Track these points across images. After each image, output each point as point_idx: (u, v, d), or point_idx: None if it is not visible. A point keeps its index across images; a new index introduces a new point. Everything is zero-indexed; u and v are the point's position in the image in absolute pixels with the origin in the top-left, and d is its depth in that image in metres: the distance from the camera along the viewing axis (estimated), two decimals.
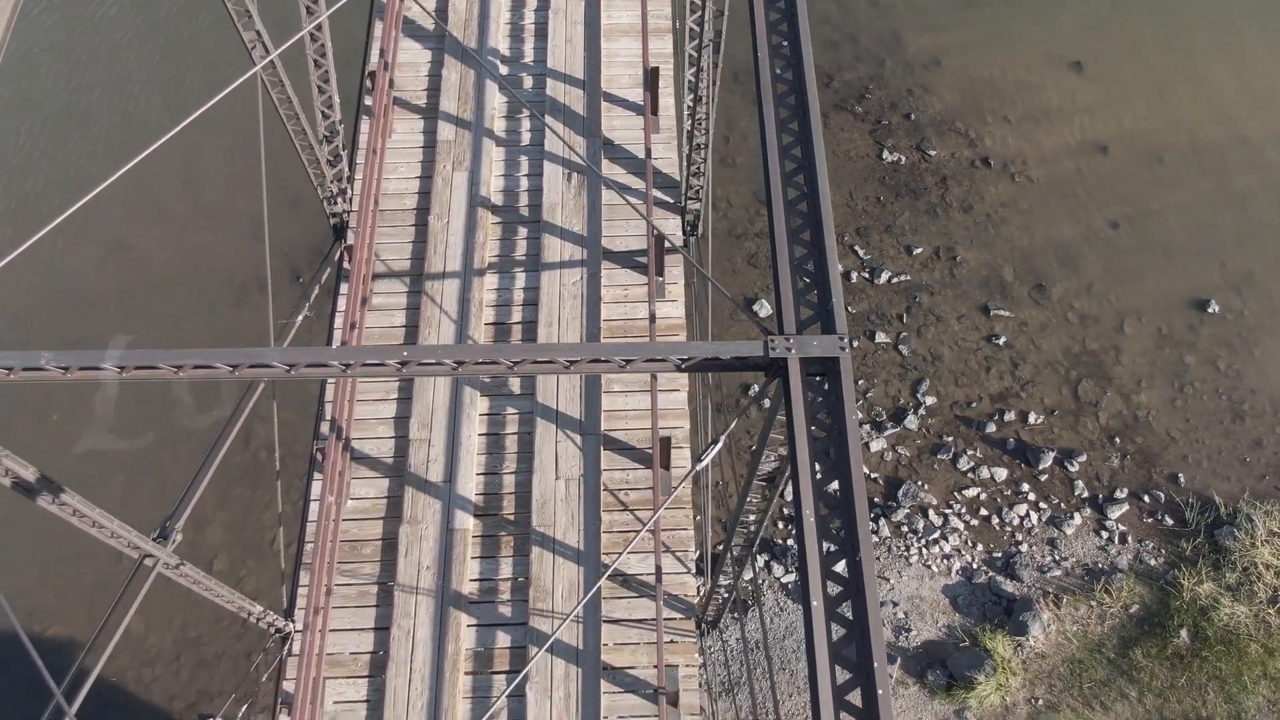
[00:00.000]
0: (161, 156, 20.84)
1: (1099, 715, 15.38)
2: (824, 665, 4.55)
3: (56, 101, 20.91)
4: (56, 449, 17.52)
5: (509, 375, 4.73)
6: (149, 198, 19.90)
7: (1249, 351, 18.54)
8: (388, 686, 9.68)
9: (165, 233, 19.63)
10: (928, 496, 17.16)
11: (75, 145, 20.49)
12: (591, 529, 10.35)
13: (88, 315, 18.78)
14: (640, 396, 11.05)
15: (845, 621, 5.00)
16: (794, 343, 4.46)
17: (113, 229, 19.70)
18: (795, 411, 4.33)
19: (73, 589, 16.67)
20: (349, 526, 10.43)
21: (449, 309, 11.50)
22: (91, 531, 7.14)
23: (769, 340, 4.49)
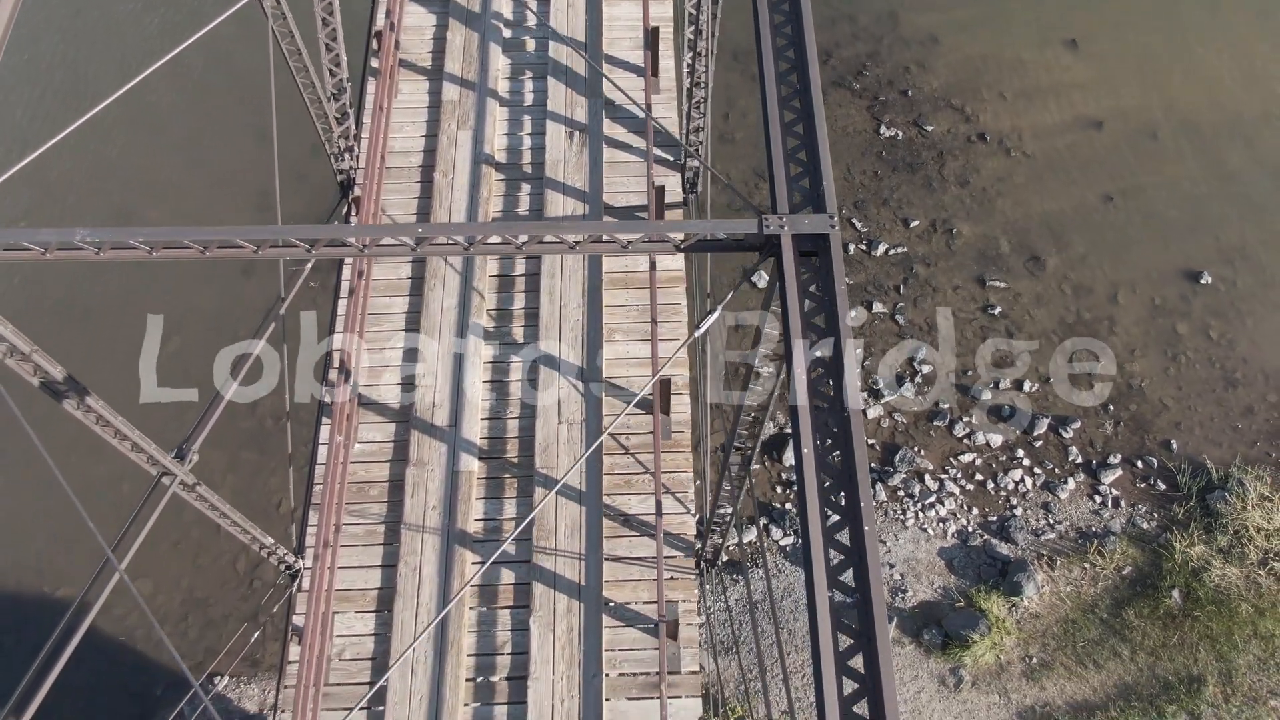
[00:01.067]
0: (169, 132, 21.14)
1: (1092, 673, 15.63)
2: (819, 564, 4.81)
3: (60, 75, 21.18)
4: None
5: (517, 255, 4.98)
6: (157, 172, 20.17)
7: (1241, 321, 18.80)
8: (394, 620, 9.94)
9: (173, 206, 19.88)
10: (924, 462, 17.42)
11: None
12: (593, 471, 10.60)
13: (97, 283, 19.05)
14: (641, 345, 11.31)
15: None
16: (787, 221, 4.72)
17: (122, 201, 19.96)
18: (789, 287, 4.58)
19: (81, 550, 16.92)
20: (356, 469, 10.69)
21: (454, 261, 11.76)
22: (113, 442, 7.39)
23: (764, 218, 4.75)
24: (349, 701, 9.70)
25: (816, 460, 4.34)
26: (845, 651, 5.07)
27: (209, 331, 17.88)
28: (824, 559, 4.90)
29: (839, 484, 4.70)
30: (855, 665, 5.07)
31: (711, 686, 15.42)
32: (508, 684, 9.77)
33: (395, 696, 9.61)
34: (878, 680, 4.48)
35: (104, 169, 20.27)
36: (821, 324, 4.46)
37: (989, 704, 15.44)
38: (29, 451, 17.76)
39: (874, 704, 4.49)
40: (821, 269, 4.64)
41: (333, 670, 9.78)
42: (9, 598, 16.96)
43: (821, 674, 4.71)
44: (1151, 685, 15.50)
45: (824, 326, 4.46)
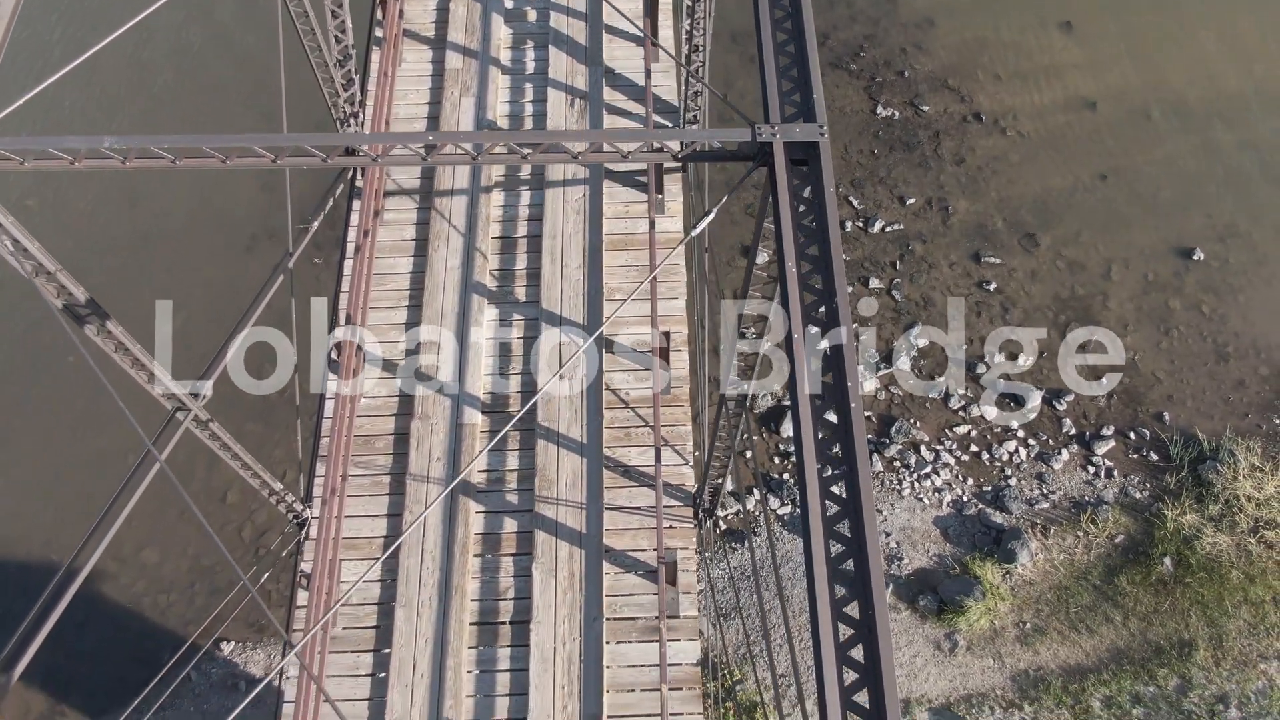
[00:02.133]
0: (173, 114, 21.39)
1: (1085, 638, 15.87)
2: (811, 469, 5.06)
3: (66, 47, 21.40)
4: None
5: (523, 163, 5.21)
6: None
7: (1233, 297, 19.05)
8: (400, 567, 10.19)
9: (178, 187, 20.12)
10: (920, 433, 17.67)
11: (90, 89, 21.00)
12: (594, 424, 10.85)
13: (106, 262, 19.29)
14: (640, 304, 11.55)
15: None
16: (779, 130, 4.96)
17: (128, 184, 20.21)
18: (781, 194, 4.83)
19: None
20: (362, 422, 10.94)
21: (458, 223, 12.02)
22: (130, 371, 7.63)
23: (757, 127, 4.99)
24: (356, 645, 9.95)
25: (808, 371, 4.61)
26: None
27: (213, 312, 18.11)
28: (816, 472, 5.15)
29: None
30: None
31: (711, 651, 15.66)
32: (510, 628, 10.01)
33: (401, 639, 9.86)
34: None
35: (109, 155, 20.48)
36: (811, 225, 4.71)
37: (983, 667, 15.68)
38: (36, 425, 18.03)
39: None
40: (811, 175, 4.89)
41: (340, 614, 10.02)
42: (18, 568, 17.20)
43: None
44: (1143, 649, 15.75)
45: (813, 227, 4.72)
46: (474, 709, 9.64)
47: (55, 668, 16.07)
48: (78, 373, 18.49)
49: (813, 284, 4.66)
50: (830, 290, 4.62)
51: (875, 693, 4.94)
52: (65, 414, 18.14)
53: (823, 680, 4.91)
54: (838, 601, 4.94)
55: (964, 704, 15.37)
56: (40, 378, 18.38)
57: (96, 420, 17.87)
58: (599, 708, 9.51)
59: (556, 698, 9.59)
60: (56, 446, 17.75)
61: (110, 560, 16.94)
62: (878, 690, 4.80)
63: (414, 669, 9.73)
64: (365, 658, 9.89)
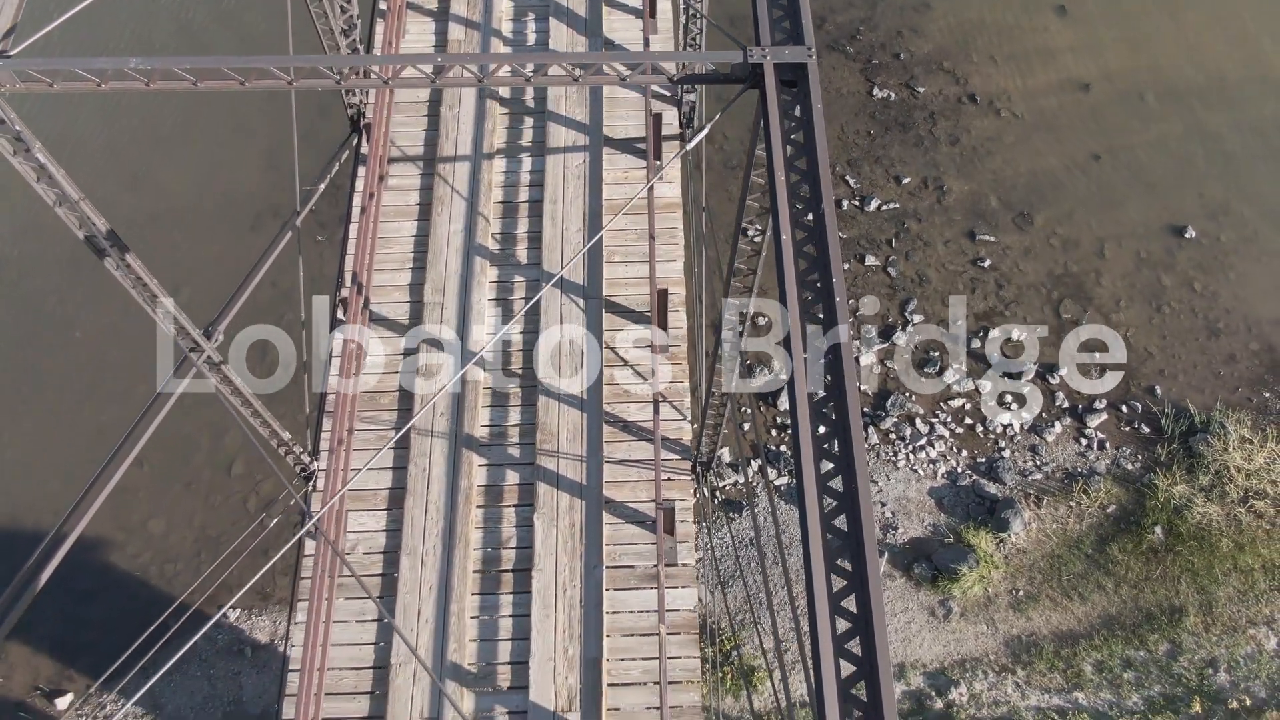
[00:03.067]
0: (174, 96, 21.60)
1: (1076, 605, 16.13)
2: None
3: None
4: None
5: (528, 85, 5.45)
6: (166, 134, 20.68)
7: (1224, 274, 19.31)
8: (405, 517, 10.45)
9: (183, 167, 20.38)
10: (915, 406, 17.93)
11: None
12: (594, 381, 11.11)
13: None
14: (639, 266, 11.82)
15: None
16: (769, 51, 5.22)
17: (134, 163, 20.48)
18: (771, 113, 5.08)
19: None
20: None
21: (460, 188, 12.28)
22: (146, 307, 7.88)
23: (748, 49, 5.25)
24: (362, 592, 10.20)
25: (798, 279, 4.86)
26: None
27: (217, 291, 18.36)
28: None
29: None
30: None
31: (709, 618, 15.93)
32: (513, 575, 10.27)
33: (406, 586, 10.12)
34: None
35: (121, 134, 20.78)
36: (801, 140, 4.96)
37: (977, 633, 15.94)
38: (42, 399, 18.28)
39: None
40: (800, 94, 5.15)
41: (346, 561, 10.27)
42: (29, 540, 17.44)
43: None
44: (1134, 615, 16.01)
45: (803, 143, 4.97)
46: (477, 652, 9.90)
47: (63, 636, 16.32)
48: (83, 347, 18.77)
49: (800, 193, 4.92)
50: (817, 197, 4.88)
51: (867, 641, 5.01)
52: (70, 389, 18.40)
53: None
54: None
55: (958, 668, 15.63)
56: (46, 353, 18.63)
57: (100, 395, 18.13)
58: (599, 650, 9.77)
59: (558, 641, 9.85)
60: (62, 420, 17.99)
61: (117, 531, 17.21)
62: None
63: (419, 614, 9.99)
64: (371, 604, 10.15)
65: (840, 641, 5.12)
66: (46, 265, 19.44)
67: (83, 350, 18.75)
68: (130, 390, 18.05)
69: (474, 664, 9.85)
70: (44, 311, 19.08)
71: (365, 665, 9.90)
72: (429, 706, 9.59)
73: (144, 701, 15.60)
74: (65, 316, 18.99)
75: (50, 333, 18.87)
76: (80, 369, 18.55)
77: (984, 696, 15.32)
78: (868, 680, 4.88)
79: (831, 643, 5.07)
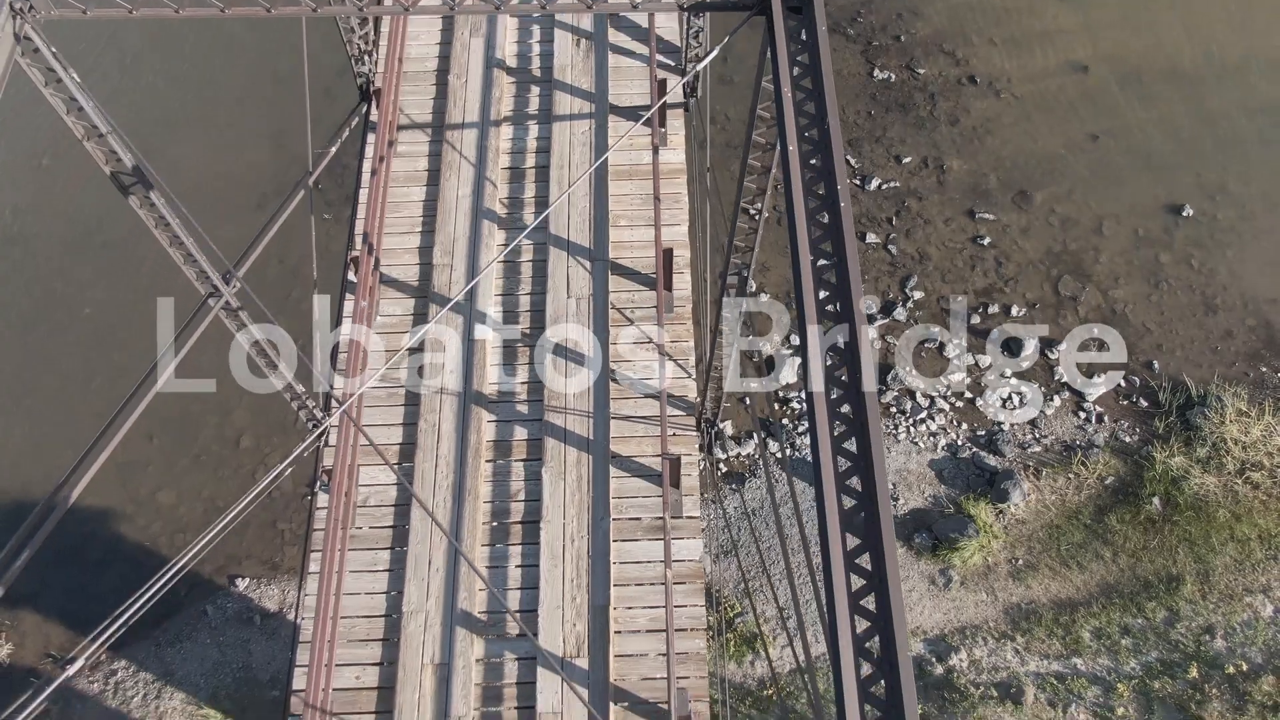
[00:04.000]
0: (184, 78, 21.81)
1: (1075, 573, 16.34)
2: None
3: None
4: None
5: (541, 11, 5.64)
6: (175, 115, 20.89)
7: (1221, 252, 19.52)
8: (416, 471, 10.64)
9: (191, 147, 20.58)
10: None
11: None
12: (601, 339, 11.31)
13: (118, 217, 19.76)
14: (644, 230, 12.02)
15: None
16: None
17: (142, 143, 20.61)
18: (777, 34, 5.29)
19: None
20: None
21: (468, 154, 12.48)
22: (170, 250, 8.08)
23: None
24: (374, 543, 10.40)
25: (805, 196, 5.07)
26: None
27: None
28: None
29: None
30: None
31: (712, 586, 16.13)
32: (521, 527, 10.46)
33: (417, 537, 10.32)
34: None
35: (129, 114, 20.98)
36: (806, 62, 5.16)
37: (976, 601, 16.15)
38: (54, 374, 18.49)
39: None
40: (806, 19, 5.36)
41: (358, 515, 10.48)
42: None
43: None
44: (1132, 584, 16.21)
45: (808, 64, 5.17)
46: (487, 601, 10.09)
47: (74, 605, 16.52)
48: (91, 326, 18.98)
49: (806, 109, 5.12)
50: (822, 113, 5.09)
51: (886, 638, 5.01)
52: (81, 365, 18.61)
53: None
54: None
55: (958, 635, 15.84)
56: (56, 331, 18.84)
57: (109, 371, 18.32)
58: (606, 598, 9.96)
59: (566, 590, 10.05)
60: (71, 397, 18.18)
61: (128, 503, 17.42)
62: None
63: (430, 564, 10.19)
64: (383, 554, 10.34)
65: (860, 641, 5.20)
66: (51, 244, 19.65)
67: (91, 328, 18.96)
68: (140, 368, 18.26)
69: (484, 612, 10.04)
70: (52, 290, 19.29)
71: (378, 614, 10.09)
72: (440, 652, 9.79)
73: (155, 668, 15.80)
74: (72, 296, 19.19)
75: (59, 312, 19.08)
76: (90, 346, 18.75)
77: (984, 662, 15.53)
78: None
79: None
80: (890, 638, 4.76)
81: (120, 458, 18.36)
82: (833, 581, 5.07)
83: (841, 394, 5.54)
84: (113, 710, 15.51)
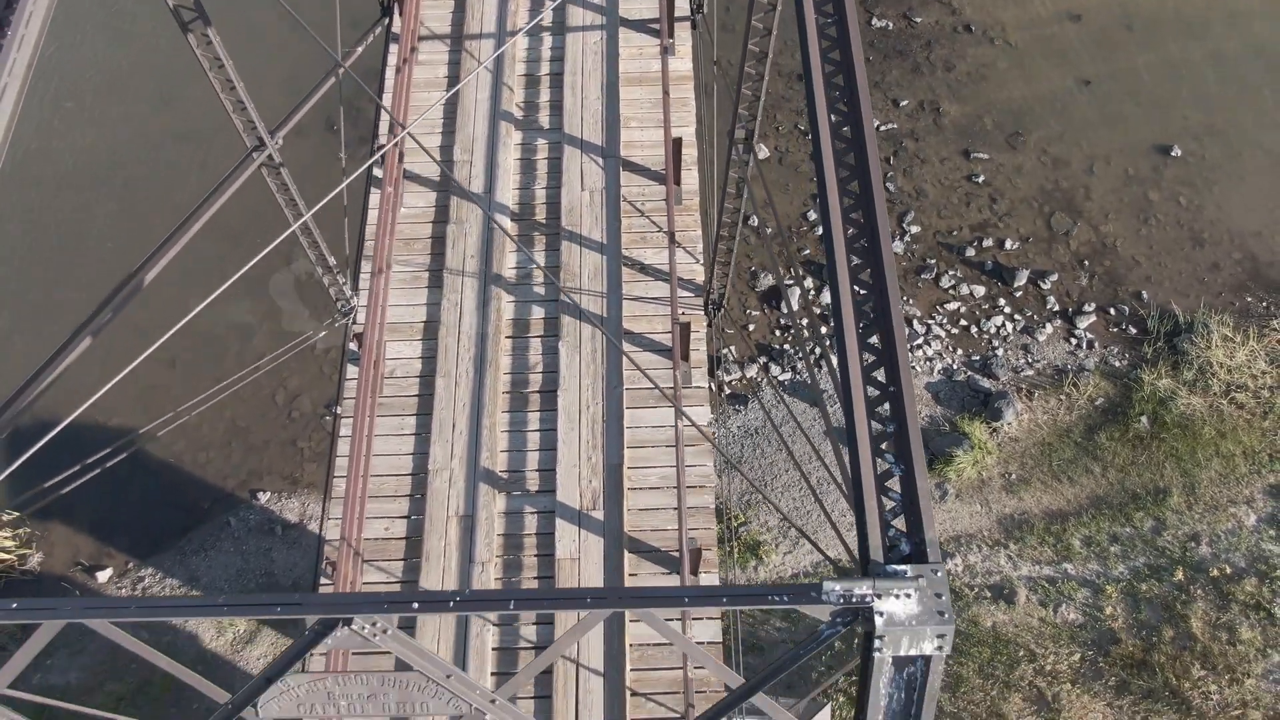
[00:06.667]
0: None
1: (1066, 487, 16.96)
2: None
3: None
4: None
5: None
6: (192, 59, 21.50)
7: (1209, 190, 20.15)
8: (440, 345, 11.28)
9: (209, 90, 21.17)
10: (912, 309, 18.77)
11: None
12: (613, 228, 11.95)
13: (142, 158, 20.41)
14: (654, 130, 12.65)
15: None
16: None
17: (162, 86, 21.33)
18: None
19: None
20: (402, 228, 12.03)
21: (486, 62, 13.11)
22: (221, 96, 8.69)
23: None
24: (400, 410, 11.04)
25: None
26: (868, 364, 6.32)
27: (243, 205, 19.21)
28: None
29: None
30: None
31: (717, 499, 16.72)
32: (539, 395, 11.10)
33: (441, 403, 10.95)
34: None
35: (148, 57, 21.63)
36: None
37: (971, 513, 16.77)
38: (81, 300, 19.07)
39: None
40: None
41: (386, 384, 11.11)
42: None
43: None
44: (1120, 496, 16.83)
45: None
46: (508, 461, 10.72)
47: (102, 516, 17.13)
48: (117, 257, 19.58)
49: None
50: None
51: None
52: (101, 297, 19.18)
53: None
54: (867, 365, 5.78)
55: (953, 543, 16.46)
56: (78, 266, 19.45)
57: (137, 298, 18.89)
58: (620, 457, 10.59)
59: (582, 450, 10.67)
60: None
61: (151, 422, 18.00)
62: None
63: (453, 427, 10.82)
64: (409, 420, 10.98)
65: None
66: (72, 184, 20.27)
67: (112, 265, 19.55)
68: (161, 300, 18.87)
69: (505, 470, 10.67)
70: (73, 228, 19.91)
71: (405, 472, 10.72)
72: (464, 505, 10.41)
73: (181, 575, 16.42)
74: (94, 232, 19.81)
75: (81, 250, 19.68)
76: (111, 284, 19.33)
77: (978, 567, 16.15)
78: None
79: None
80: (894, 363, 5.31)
81: (144, 381, 18.99)
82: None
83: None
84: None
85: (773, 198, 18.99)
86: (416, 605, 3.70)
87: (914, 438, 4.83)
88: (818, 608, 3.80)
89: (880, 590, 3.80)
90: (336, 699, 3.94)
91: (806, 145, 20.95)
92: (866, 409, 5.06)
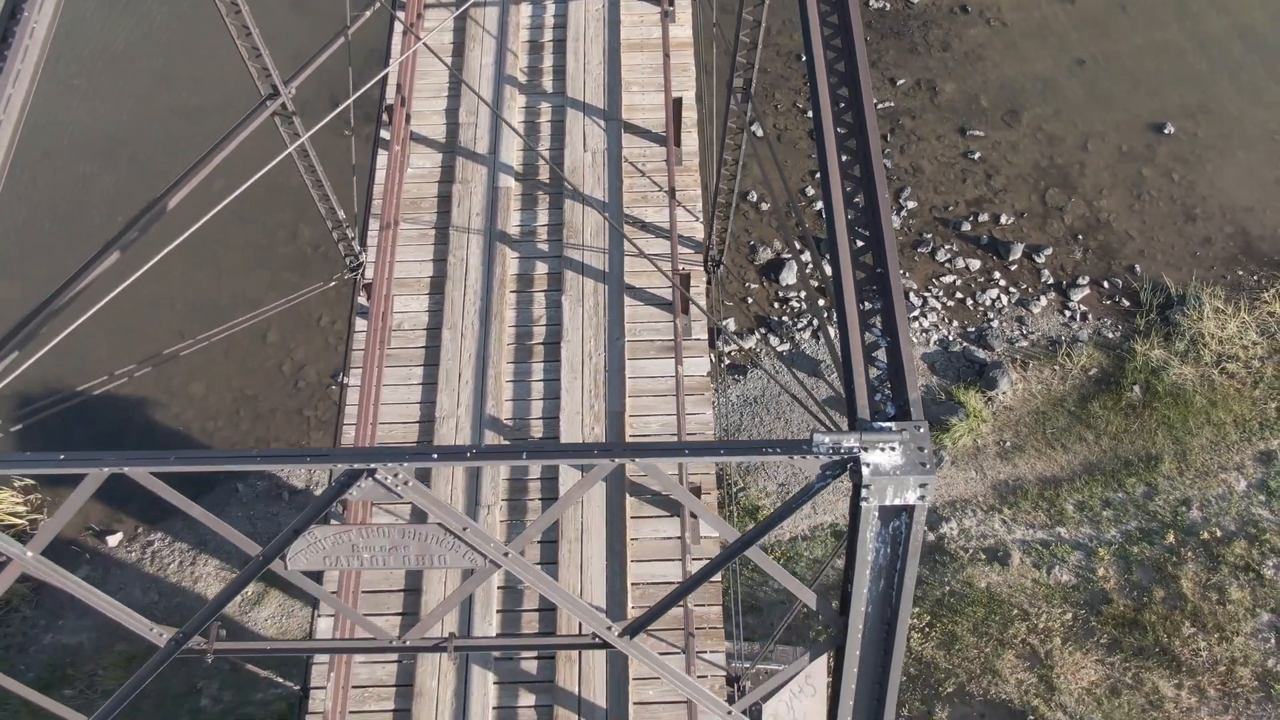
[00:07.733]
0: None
1: (1060, 454, 17.26)
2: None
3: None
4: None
5: None
6: (196, 35, 21.82)
7: (1201, 166, 20.45)
8: (446, 299, 11.57)
9: (213, 66, 21.48)
10: (909, 282, 19.07)
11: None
12: (614, 187, 12.25)
13: (151, 134, 20.72)
14: (655, 94, 12.95)
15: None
16: None
17: (166, 62, 21.65)
18: None
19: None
20: (409, 187, 12.33)
21: (490, 29, 13.41)
22: (238, 43, 8.98)
23: None
24: (408, 361, 11.33)
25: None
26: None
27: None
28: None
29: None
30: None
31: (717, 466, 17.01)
32: (543, 347, 11.40)
33: (448, 354, 11.24)
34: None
35: (152, 33, 21.95)
36: None
37: (966, 479, 17.07)
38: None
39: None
40: None
41: (393, 336, 11.40)
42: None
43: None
44: (1113, 462, 17.13)
45: None
46: (512, 409, 11.01)
47: (112, 482, 17.36)
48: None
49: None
50: None
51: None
52: None
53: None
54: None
55: (948, 508, 16.76)
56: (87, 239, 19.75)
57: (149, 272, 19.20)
58: (622, 405, 10.89)
59: (584, 399, 10.97)
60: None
61: (160, 392, 18.32)
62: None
63: (460, 377, 11.11)
64: (416, 370, 11.27)
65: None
66: (80, 158, 20.58)
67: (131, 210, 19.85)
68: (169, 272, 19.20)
69: (510, 419, 10.97)
70: (80, 202, 20.22)
71: (413, 420, 11.01)
72: None
73: (189, 538, 16.71)
74: (101, 207, 20.11)
75: (88, 223, 19.99)
76: None
77: (973, 531, 16.45)
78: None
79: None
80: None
81: (153, 351, 19.32)
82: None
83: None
84: (150, 575, 16.42)
85: (775, 151, 19.27)
86: (435, 456, 3.98)
87: (899, 313, 5.11)
88: (809, 460, 4.08)
89: (867, 443, 4.09)
90: (360, 551, 4.22)
91: (805, 123, 21.27)
92: (855, 290, 5.30)
